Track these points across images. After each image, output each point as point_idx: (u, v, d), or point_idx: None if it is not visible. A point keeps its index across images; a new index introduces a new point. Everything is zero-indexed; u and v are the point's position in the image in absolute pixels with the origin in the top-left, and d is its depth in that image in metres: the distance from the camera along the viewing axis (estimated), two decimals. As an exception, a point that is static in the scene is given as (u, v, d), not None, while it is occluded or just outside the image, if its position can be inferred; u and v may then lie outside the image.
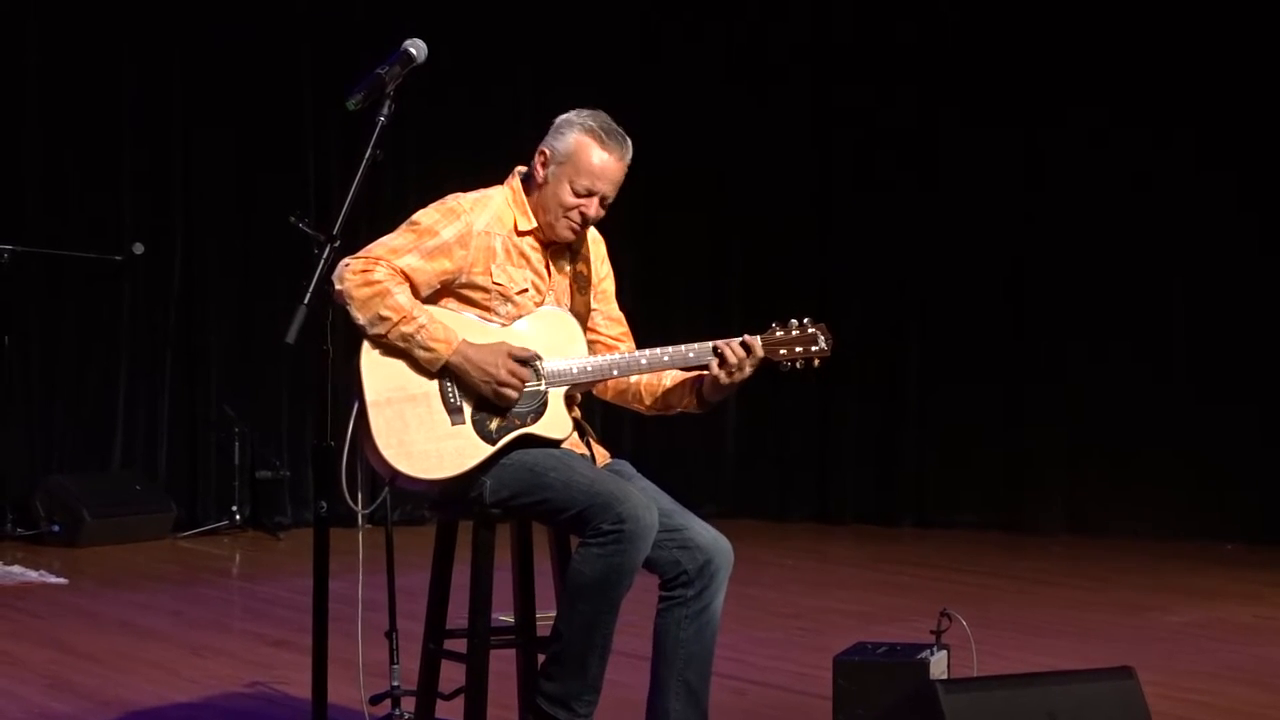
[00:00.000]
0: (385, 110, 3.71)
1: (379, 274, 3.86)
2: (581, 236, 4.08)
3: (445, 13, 8.76)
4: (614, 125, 4.01)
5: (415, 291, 3.91)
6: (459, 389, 3.89)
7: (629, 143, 4.01)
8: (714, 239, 9.81)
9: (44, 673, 5.46)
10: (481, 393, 3.86)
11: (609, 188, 3.99)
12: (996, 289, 9.13)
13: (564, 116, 4.04)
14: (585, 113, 4.02)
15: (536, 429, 3.92)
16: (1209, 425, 8.55)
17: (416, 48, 3.78)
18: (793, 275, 9.49)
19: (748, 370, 3.97)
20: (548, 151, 4.00)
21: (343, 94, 3.75)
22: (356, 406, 3.86)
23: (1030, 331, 9.04)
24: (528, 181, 4.05)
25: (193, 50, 8.78)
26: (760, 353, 3.97)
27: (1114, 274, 8.81)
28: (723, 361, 3.95)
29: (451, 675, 4.10)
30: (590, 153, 3.96)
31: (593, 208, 4.00)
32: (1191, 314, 8.67)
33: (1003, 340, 9.11)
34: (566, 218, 4.00)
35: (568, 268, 4.10)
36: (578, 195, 3.97)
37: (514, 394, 3.87)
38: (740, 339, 3.97)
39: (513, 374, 3.87)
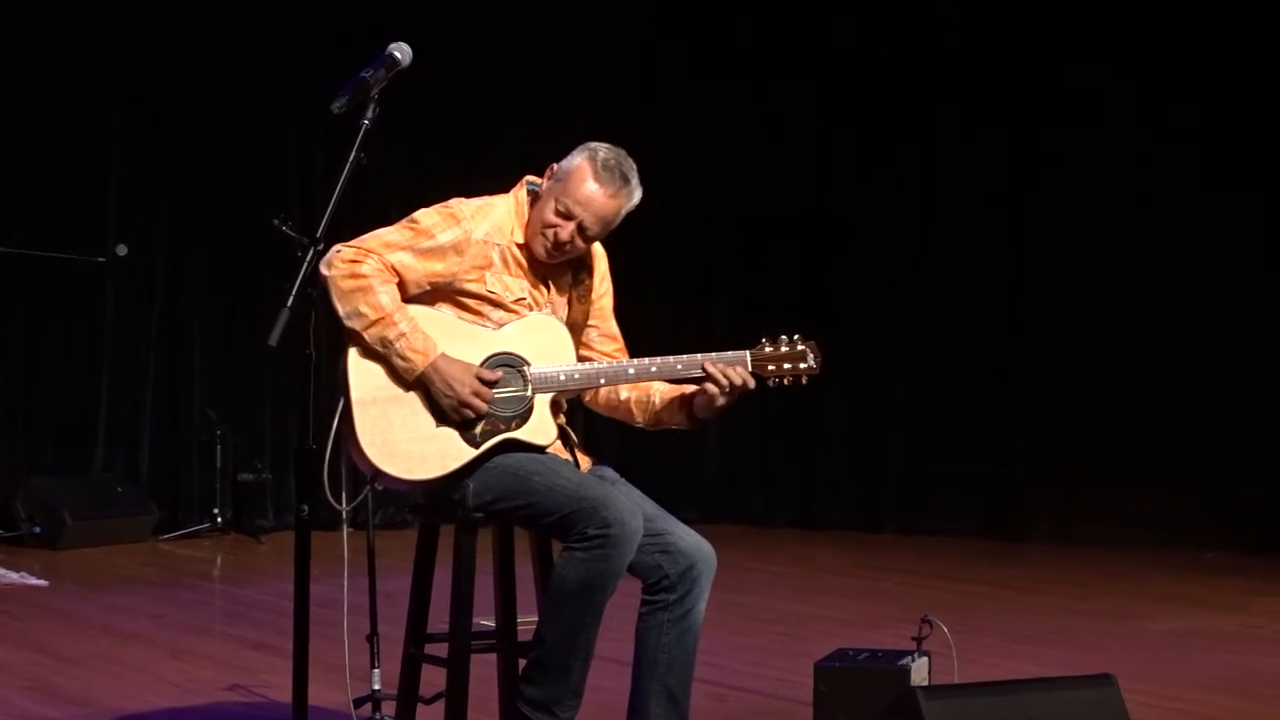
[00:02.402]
0: (369, 113, 3.72)
1: (366, 268, 3.85)
2: (555, 258, 4.01)
3: (433, 13, 8.74)
4: (622, 166, 3.96)
5: (404, 289, 3.90)
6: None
7: (630, 186, 3.96)
8: (701, 242, 9.77)
9: (24, 675, 5.44)
10: (442, 406, 3.85)
11: (590, 218, 3.95)
12: (982, 293, 9.10)
13: (588, 142, 4.03)
14: (605, 146, 3.99)
15: (520, 434, 3.91)
16: (1194, 433, 8.53)
17: (401, 51, 3.77)
18: (777, 278, 9.46)
19: (737, 393, 3.96)
20: (554, 167, 4.01)
21: (328, 97, 3.75)
22: (341, 404, 3.86)
23: (1014, 338, 9.02)
24: (535, 194, 4.04)
25: (180, 53, 8.74)
26: (749, 371, 3.97)
27: (1106, 280, 8.76)
28: (714, 382, 3.95)
29: (432, 679, 4.10)
30: (582, 178, 3.94)
31: (566, 231, 3.95)
32: (1186, 321, 8.63)
33: (987, 346, 9.08)
34: (542, 234, 3.97)
35: (568, 279, 4.09)
36: (557, 214, 3.95)
37: (471, 414, 3.85)
38: (728, 358, 3.96)
39: (476, 394, 3.84)
